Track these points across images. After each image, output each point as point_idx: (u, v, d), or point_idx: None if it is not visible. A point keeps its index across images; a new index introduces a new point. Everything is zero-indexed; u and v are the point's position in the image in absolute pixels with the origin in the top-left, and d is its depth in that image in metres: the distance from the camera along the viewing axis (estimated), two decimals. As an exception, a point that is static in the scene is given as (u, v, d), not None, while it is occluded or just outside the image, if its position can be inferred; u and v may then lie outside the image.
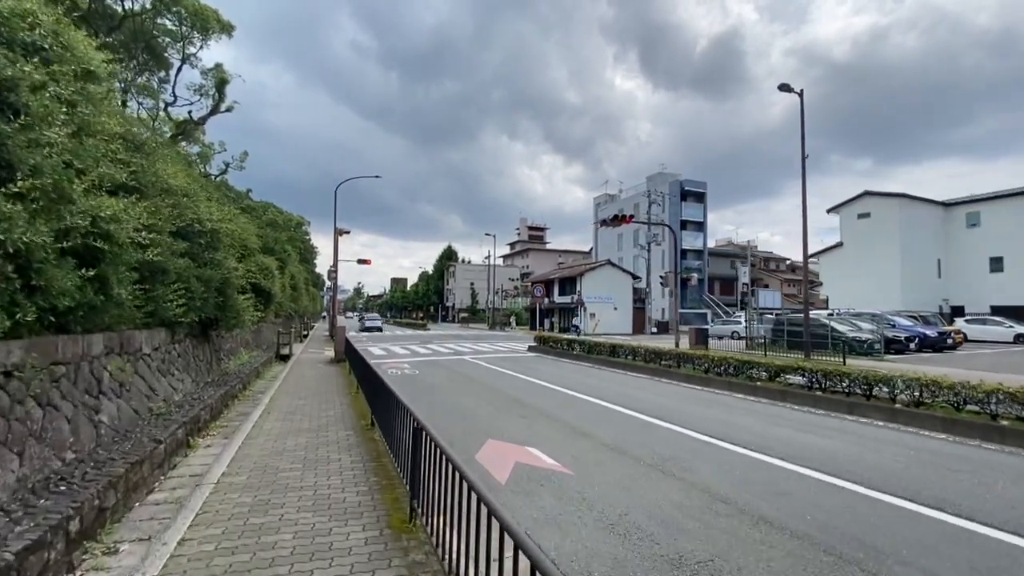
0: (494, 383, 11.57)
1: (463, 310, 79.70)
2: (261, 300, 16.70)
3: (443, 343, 25.97)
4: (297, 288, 28.74)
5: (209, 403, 7.66)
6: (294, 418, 7.26)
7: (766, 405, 9.02)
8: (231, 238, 10.67)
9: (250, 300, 11.43)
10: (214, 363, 10.60)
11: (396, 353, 19.82)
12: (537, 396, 9.82)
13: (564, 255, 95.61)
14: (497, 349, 22.16)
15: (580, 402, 9.20)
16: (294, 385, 10.66)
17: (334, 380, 11.51)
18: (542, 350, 19.75)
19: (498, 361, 16.68)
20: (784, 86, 18.57)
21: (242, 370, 11.63)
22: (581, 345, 17.40)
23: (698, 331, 23.12)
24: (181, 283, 7.76)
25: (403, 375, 13.08)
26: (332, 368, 13.97)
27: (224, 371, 10.96)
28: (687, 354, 12.43)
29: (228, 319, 9.73)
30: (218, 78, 26.18)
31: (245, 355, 14.27)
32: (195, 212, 8.74)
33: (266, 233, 21.88)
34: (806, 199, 19.35)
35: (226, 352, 12.19)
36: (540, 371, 13.96)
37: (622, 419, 7.75)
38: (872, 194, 31.15)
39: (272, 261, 17.93)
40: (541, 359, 17.62)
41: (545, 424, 7.35)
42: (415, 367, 14.86)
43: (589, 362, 15.95)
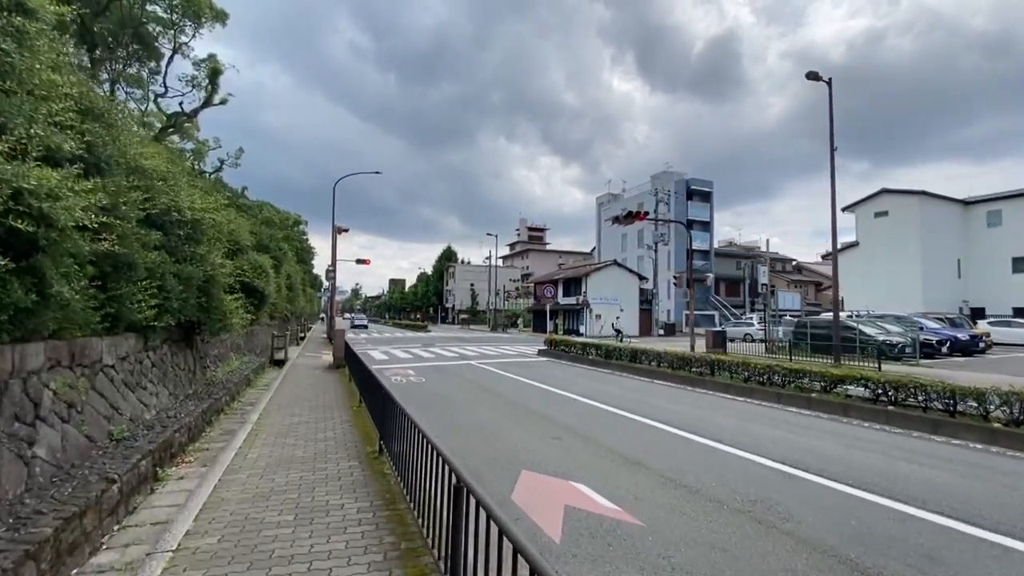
0: (511, 394, 10.42)
1: (463, 311, 78.52)
2: (254, 301, 15.54)
3: (446, 346, 24.80)
4: (293, 288, 27.54)
5: (187, 422, 6.50)
6: (286, 442, 6.09)
7: (831, 422, 7.89)
8: (217, 231, 9.50)
9: (239, 300, 10.26)
10: (198, 372, 9.43)
11: (398, 358, 18.65)
12: (564, 410, 8.67)
13: (564, 256, 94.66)
14: (504, 353, 21.01)
15: (616, 418, 8.05)
16: (288, 396, 9.50)
17: (333, 390, 10.35)
18: (553, 354, 18.61)
19: (509, 367, 15.53)
20: (812, 74, 17.55)
21: (231, 378, 10.46)
22: (598, 350, 16.26)
23: (715, 334, 22.02)
24: (154, 280, 6.61)
25: (408, 383, 11.92)
26: (330, 375, 12.80)
27: (210, 380, 9.79)
28: (722, 361, 11.30)
29: (213, 322, 8.56)
30: (211, 68, 25.00)
31: (235, 361, 13.09)
32: (173, 198, 7.58)
33: (260, 230, 20.70)
34: (835, 193, 18.31)
35: (213, 358, 11.02)
36: (558, 379, 12.82)
37: (674, 441, 6.60)
38: (890, 192, 30.16)
39: (266, 259, 16.75)
40: (555, 364, 16.47)
41: (584, 448, 6.20)
42: (420, 374, 13.69)
43: (608, 368, 14.81)
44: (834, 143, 18.00)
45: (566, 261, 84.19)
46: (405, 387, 11.22)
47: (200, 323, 8.45)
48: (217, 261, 8.41)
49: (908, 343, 18.79)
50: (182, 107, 24.55)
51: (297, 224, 42.41)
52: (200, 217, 8.08)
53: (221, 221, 9.71)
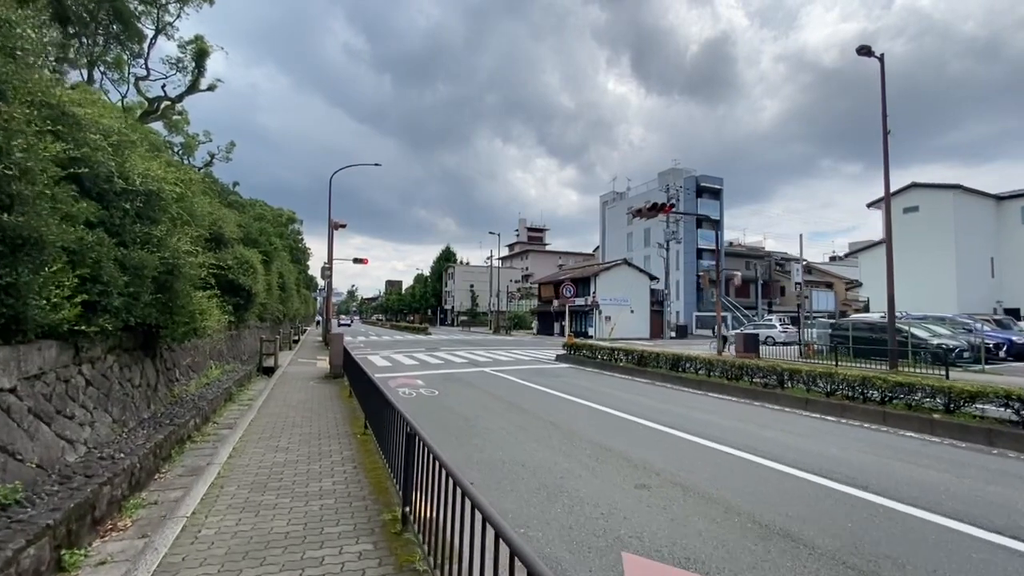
0: (548, 412, 8.58)
1: (463, 313, 76.62)
2: (239, 300, 13.66)
3: (452, 350, 22.92)
4: (286, 288, 25.61)
5: (128, 464, 4.66)
6: (262, 500, 4.21)
7: (981, 454, 6.09)
8: (188, 211, 7.62)
9: (214, 299, 8.38)
10: (161, 387, 7.54)
11: (402, 364, 16.76)
12: (627, 438, 6.83)
13: (565, 257, 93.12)
14: (518, 358, 19.15)
15: (704, 452, 6.22)
16: (274, 418, 7.61)
17: (330, 408, 8.47)
18: (575, 360, 16.77)
19: (530, 376, 13.68)
20: (863, 48, 15.87)
21: (206, 394, 8.57)
22: (628, 356, 14.44)
23: (746, 337, 20.23)
24: (82, 268, 4.76)
25: (419, 397, 10.06)
26: (327, 388, 10.91)
27: (178, 398, 7.90)
28: (797, 371, 9.49)
29: (177, 325, 6.68)
30: (197, 49, 23.05)
31: (215, 371, 11.19)
32: (120, 162, 5.73)
33: (248, 222, 18.79)
34: (888, 178, 16.62)
35: (185, 369, 9.12)
36: (595, 391, 10.98)
37: (813, 493, 4.76)
38: (921, 186, 28.58)
39: (255, 254, 14.86)
40: (580, 372, 14.63)
41: (691, 504, 4.37)
42: (431, 384, 11.83)
43: (644, 377, 12.98)
44: (887, 126, 16.32)
45: (566, 262, 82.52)
46: (416, 402, 9.36)
47: (159, 327, 6.57)
48: (183, 248, 6.54)
49: (964, 347, 17.10)
50: (164, 90, 22.62)
51: (291, 221, 40.45)
52: (158, 189, 6.21)
53: (188, 195, 7.81)
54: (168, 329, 6.57)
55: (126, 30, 22.66)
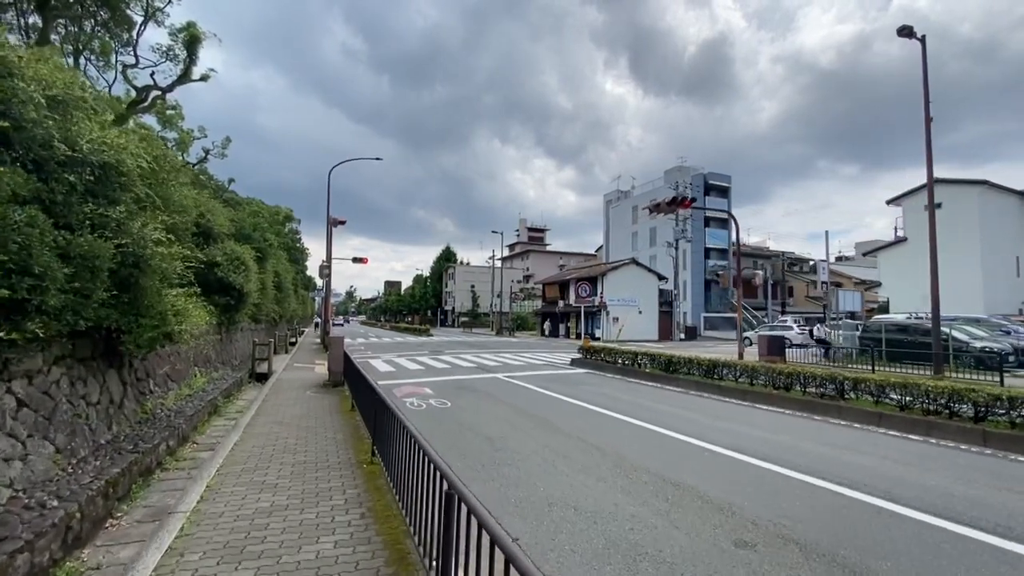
0: (584, 431, 7.40)
1: (463, 314, 75.42)
2: (230, 300, 12.49)
3: (458, 353, 21.73)
4: (283, 288, 24.38)
5: (61, 518, 3.48)
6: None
7: None
8: (159, 192, 6.42)
9: (194, 297, 7.20)
10: (129, 403, 6.34)
11: (407, 369, 15.57)
12: (695, 469, 5.66)
13: (566, 257, 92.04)
14: (529, 362, 17.96)
15: (803, 490, 5.04)
16: (263, 439, 6.41)
17: (329, 425, 7.27)
18: (593, 365, 15.59)
19: (548, 383, 12.50)
20: (904, 29, 14.74)
21: (185, 408, 7.38)
22: (654, 361, 13.27)
23: (771, 339, 19.07)
24: (3, 255, 3.60)
25: (429, 409, 8.88)
26: (325, 399, 9.72)
27: (150, 413, 6.71)
28: (864, 380, 8.33)
29: (143, 329, 5.48)
30: (188, 35, 21.80)
31: (200, 379, 10.00)
32: (59, 123, 4.56)
33: (241, 217, 17.60)
34: (931, 166, 15.49)
35: (163, 379, 7.91)
36: (630, 404, 9.82)
37: (987, 556, 3.60)
38: (944, 182, 27.46)
39: (247, 250, 13.68)
40: (603, 379, 13.45)
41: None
42: (440, 393, 10.65)
43: (676, 385, 11.81)
44: (929, 112, 15.19)
45: (567, 262, 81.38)
46: (427, 415, 8.17)
47: (120, 331, 5.37)
48: (151, 235, 5.35)
49: (1009, 350, 15.99)
50: (154, 78, 21.39)
51: (289, 219, 39.17)
52: (116, 161, 5.02)
53: (165, 178, 6.62)
54: (131, 334, 5.37)
55: (113, 15, 21.42)
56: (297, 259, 43.58)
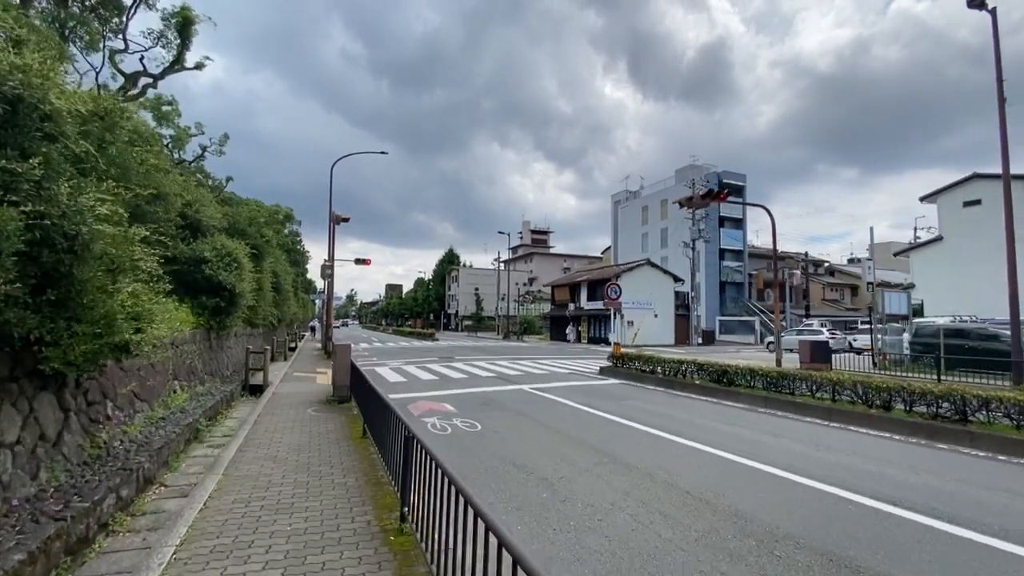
0: (667, 467, 5.80)
1: (467, 317, 73.81)
2: (220, 301, 10.93)
3: (471, 361, 20.12)
4: (281, 290, 22.80)
5: None
6: None
7: None
8: (110, 157, 4.85)
9: (160, 296, 5.63)
10: (72, 436, 4.75)
11: (419, 379, 13.97)
12: (862, 536, 4.06)
13: (570, 260, 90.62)
14: (552, 371, 16.35)
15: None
16: (250, 487, 4.80)
17: (336, 462, 5.66)
18: (626, 374, 13.97)
19: (586, 397, 10.91)
20: (975, 1, 13.21)
21: (153, 438, 5.80)
22: (703, 371, 11.67)
23: (814, 345, 17.43)
24: None
25: (456, 434, 7.28)
26: (330, 420, 8.11)
27: (102, 448, 5.12)
28: (997, 397, 6.72)
29: (77, 340, 3.89)
30: (181, 18, 20.26)
31: (182, 395, 8.40)
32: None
33: (235, 212, 16.06)
34: (1007, 151, 13.93)
35: (126, 399, 6.31)
36: (692, 425, 8.23)
37: None
38: (985, 176, 25.93)
39: (240, 246, 12.13)
40: (648, 393, 11.84)
41: None
42: (466, 411, 9.06)
43: (738, 401, 10.20)
44: (1003, 92, 13.65)
45: (572, 265, 79.91)
46: (455, 443, 6.57)
47: (42, 342, 3.78)
48: (92, 208, 3.77)
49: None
50: (143, 63, 19.88)
51: (288, 219, 37.59)
52: (36, 98, 3.45)
53: (120, 140, 5.03)
54: (57, 347, 3.77)
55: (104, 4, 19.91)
56: (297, 261, 42.00)
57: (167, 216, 10.54)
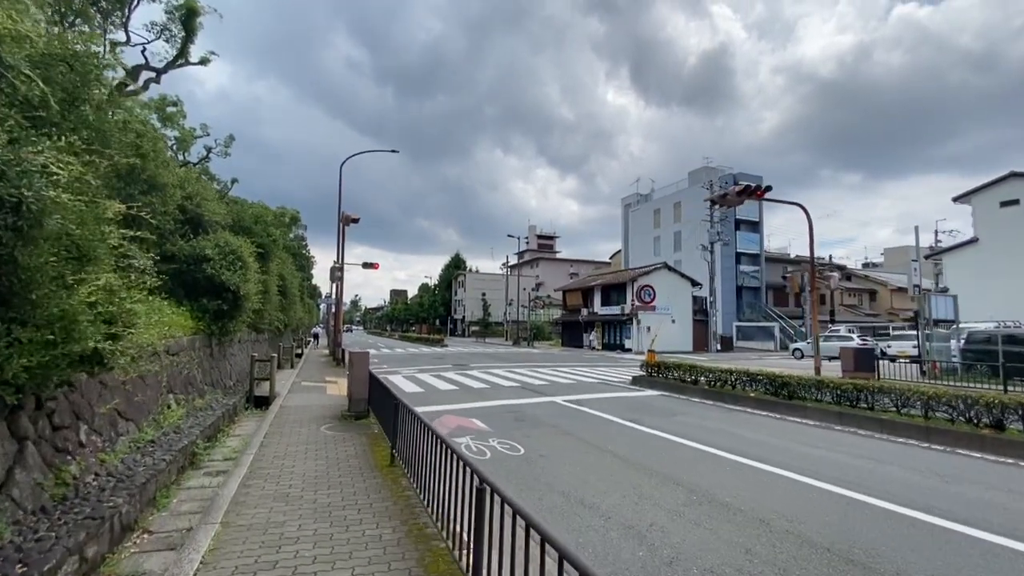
0: (773, 508, 4.66)
1: (474, 323, 72.71)
2: (222, 304, 9.88)
3: (487, 368, 19.00)
4: (288, 294, 21.79)
5: None
6: None
7: None
8: (70, 97, 3.80)
9: (139, 292, 4.54)
10: (27, 475, 3.66)
11: (436, 389, 12.87)
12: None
13: (577, 264, 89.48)
14: (580, 381, 15.21)
15: None
16: (256, 545, 3.69)
17: (365, 503, 4.54)
18: (664, 384, 12.81)
19: (626, 411, 9.77)
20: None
21: (135, 470, 4.71)
22: (755, 383, 10.52)
23: (858, 352, 16.20)
24: None
25: (497, 458, 6.15)
26: (349, 442, 7.00)
27: (70, 485, 4.04)
28: None
29: (19, 350, 2.82)
30: (186, 8, 19.35)
31: (178, 411, 7.31)
32: None
33: (239, 209, 15.06)
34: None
35: (106, 421, 5.22)
36: (767, 446, 7.08)
37: None
38: (1021, 175, 24.76)
39: (245, 244, 11.11)
40: (694, 406, 10.69)
41: None
42: (500, 429, 7.94)
43: (802, 415, 9.04)
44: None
45: (578, 270, 78.77)
46: (499, 471, 5.44)
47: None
48: (41, 164, 2.72)
49: None
50: (145, 56, 19.00)
51: (295, 221, 36.67)
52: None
53: (91, 88, 3.97)
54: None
55: None
56: (302, 266, 41.06)
57: (164, 209, 9.54)
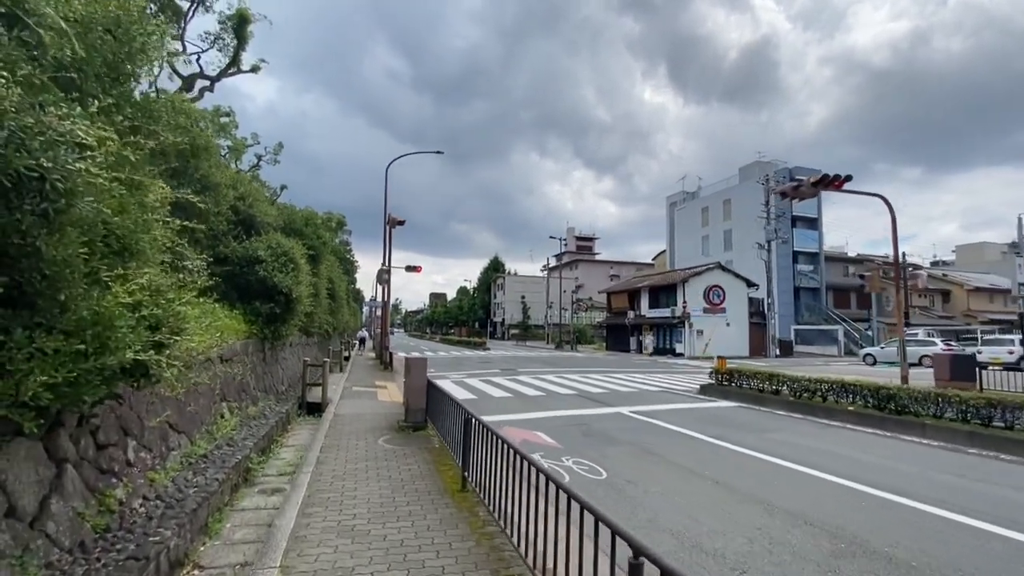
0: (966, 572, 3.65)
1: (514, 326, 72.13)
2: (275, 307, 9.55)
3: (537, 374, 18.23)
4: (336, 297, 21.76)
5: None
6: None
7: None
8: (104, 48, 3.29)
9: (189, 293, 4.03)
10: (62, 503, 3.16)
11: (488, 396, 12.21)
12: None
13: (617, 266, 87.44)
14: (641, 389, 14.21)
15: None
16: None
17: (442, 540, 3.86)
18: (739, 395, 11.64)
19: (707, 426, 8.78)
20: None
21: (185, 492, 4.21)
22: (851, 393, 9.28)
23: (955, 360, 14.46)
24: None
25: (576, 482, 5.35)
26: (411, 458, 6.38)
27: (115, 512, 3.54)
28: None
29: (41, 364, 2.27)
30: (237, 16, 19.64)
31: (231, 420, 6.91)
32: None
33: (289, 212, 14.93)
34: None
35: (156, 435, 4.77)
36: (905, 475, 6.00)
37: None
38: None
39: (297, 246, 10.81)
40: (781, 421, 9.56)
41: None
42: (571, 446, 7.16)
43: (915, 433, 7.79)
44: None
45: (619, 272, 76.84)
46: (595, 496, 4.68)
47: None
48: (69, 131, 2.17)
49: None
50: (199, 64, 19.40)
51: (341, 226, 37.17)
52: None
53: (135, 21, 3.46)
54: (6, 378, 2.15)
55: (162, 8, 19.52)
56: (348, 271, 41.60)
57: (217, 209, 9.30)
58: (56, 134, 2.18)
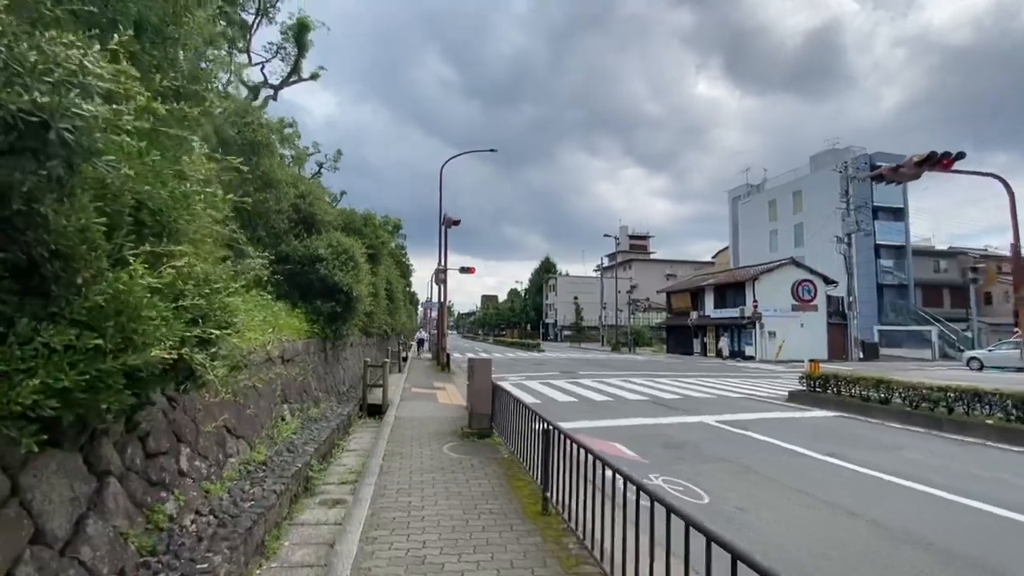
0: None
1: (567, 327, 70.92)
2: (336, 306, 9.31)
3: (598, 377, 17.30)
4: (394, 298, 21.79)
5: None
6: None
7: None
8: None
9: (244, 288, 3.59)
10: (100, 522, 2.77)
11: (552, 400, 11.49)
12: None
13: (674, 266, 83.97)
14: (719, 395, 13.00)
15: None
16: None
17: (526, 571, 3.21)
18: (837, 403, 10.23)
19: (812, 439, 7.62)
20: None
21: (240, 506, 3.79)
22: (988, 404, 7.79)
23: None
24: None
25: (714, 516, 4.53)
26: (479, 470, 5.78)
27: (159, 532, 3.13)
28: None
29: (46, 364, 1.81)
30: (298, 24, 20.12)
31: (292, 423, 6.59)
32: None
33: (349, 212, 14.87)
34: None
35: (213, 440, 4.42)
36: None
37: None
38: None
39: (357, 244, 10.58)
40: (894, 433, 8.22)
41: None
42: (650, 457, 6.32)
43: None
44: None
45: (675, 271, 73.62)
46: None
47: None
48: (78, 61, 1.69)
49: None
50: (264, 72, 20.02)
51: (398, 229, 37.76)
52: None
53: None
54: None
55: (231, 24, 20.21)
56: (404, 273, 42.22)
57: (278, 207, 9.19)
58: (64, 72, 1.69)
